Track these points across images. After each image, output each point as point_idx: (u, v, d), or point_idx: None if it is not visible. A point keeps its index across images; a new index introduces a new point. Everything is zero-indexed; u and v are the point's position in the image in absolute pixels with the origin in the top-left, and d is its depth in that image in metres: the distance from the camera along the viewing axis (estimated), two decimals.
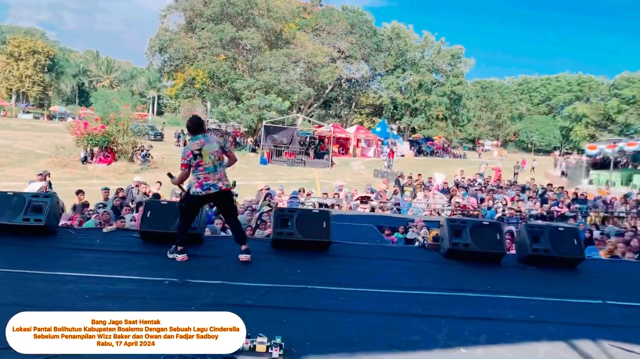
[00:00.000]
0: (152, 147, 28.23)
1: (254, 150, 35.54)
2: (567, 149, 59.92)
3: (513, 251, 7.76)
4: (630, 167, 31.52)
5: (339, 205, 15.91)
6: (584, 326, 4.77)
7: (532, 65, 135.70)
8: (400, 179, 21.12)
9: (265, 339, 3.43)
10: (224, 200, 5.94)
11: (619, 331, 4.68)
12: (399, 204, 16.46)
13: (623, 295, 5.96)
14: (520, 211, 15.35)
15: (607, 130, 59.61)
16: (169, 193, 12.93)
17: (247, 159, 30.92)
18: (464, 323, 4.61)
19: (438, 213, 15.24)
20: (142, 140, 27.96)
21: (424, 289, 5.55)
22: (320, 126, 41.58)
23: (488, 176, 25.55)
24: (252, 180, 22.23)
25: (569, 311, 5.20)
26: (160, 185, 14.15)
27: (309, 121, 44.53)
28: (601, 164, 30.42)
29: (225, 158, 5.91)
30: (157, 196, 12.31)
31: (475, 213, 15.38)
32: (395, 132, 44.86)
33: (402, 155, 40.90)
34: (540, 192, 19.65)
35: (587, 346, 4.25)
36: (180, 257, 5.75)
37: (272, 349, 3.37)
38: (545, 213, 15.87)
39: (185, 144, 8.18)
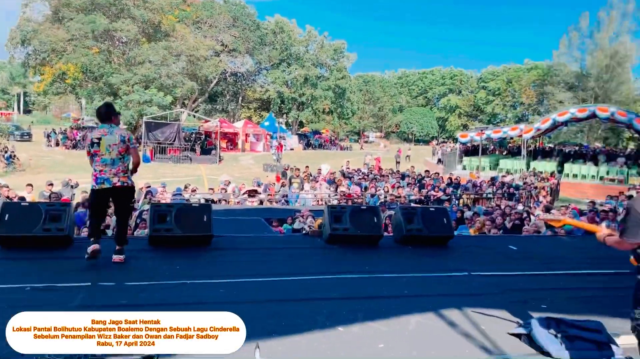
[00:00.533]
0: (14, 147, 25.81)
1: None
2: (443, 138, 64.15)
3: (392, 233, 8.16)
4: (497, 152, 34.58)
5: (226, 200, 15.68)
6: (451, 296, 5.14)
7: (411, 60, 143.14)
8: (287, 172, 21.30)
9: None
10: (120, 197, 5.61)
11: (481, 299, 5.11)
12: (287, 196, 16.60)
13: (487, 266, 6.51)
14: (400, 196, 16.20)
15: (477, 120, 64.86)
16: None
17: None
18: (343, 303, 4.76)
19: (325, 202, 15.59)
20: (4, 141, 25.45)
21: (306, 274, 5.65)
22: (206, 121, 40.56)
23: (372, 166, 26.66)
24: (134, 179, 21.11)
25: (438, 284, 5.58)
26: (32, 188, 12.93)
27: (194, 116, 43.34)
28: (472, 151, 33.00)
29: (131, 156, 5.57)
30: (22, 200, 11.25)
31: (359, 200, 15.96)
32: (283, 126, 45.19)
33: (291, 149, 41.29)
34: (418, 179, 20.87)
35: (453, 314, 4.58)
36: (90, 247, 5.39)
37: None
38: (423, 198, 16.90)
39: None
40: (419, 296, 5.07)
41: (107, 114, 5.54)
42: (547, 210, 12.75)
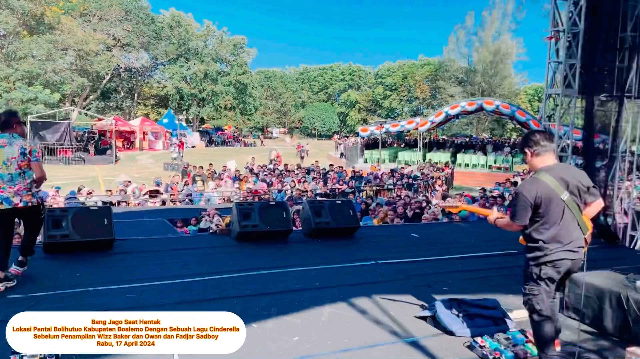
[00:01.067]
0: None
1: None
2: (345, 133, 65.68)
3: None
4: (395, 145, 36.07)
5: (126, 202, 14.95)
6: (360, 285, 5.31)
7: (311, 56, 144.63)
8: (186, 170, 20.75)
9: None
10: (26, 217, 4.94)
11: (389, 285, 5.33)
12: (191, 195, 16.16)
13: (392, 254, 6.79)
14: (306, 191, 16.38)
15: (376, 114, 67.04)
16: None
17: None
18: (255, 300, 4.74)
19: (230, 200, 15.37)
20: None
21: (216, 273, 5.55)
22: (100, 119, 38.22)
23: (278, 161, 26.69)
24: None
25: (347, 274, 5.73)
26: None
27: (87, 114, 40.71)
28: (372, 144, 34.14)
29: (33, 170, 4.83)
30: None
31: (266, 196, 15.93)
32: (183, 123, 43.77)
33: (193, 146, 40.17)
34: (323, 173, 21.22)
35: (363, 302, 4.74)
36: None
37: None
38: (328, 191, 17.23)
39: None
40: (330, 287, 5.18)
41: (6, 122, 4.79)
42: (444, 197, 13.53)
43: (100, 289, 4.89)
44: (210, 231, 8.97)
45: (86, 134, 33.27)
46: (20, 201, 4.68)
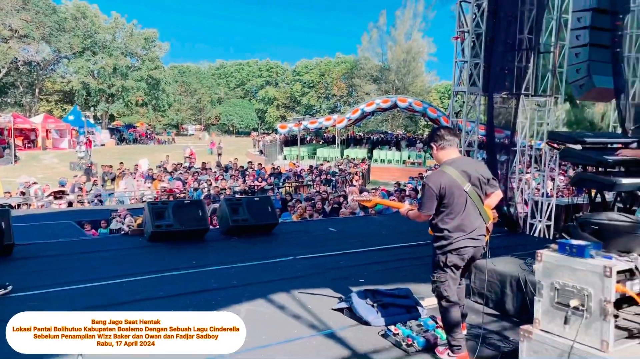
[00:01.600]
0: None
1: None
2: (264, 129, 65.33)
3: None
4: (314, 141, 36.41)
5: (28, 204, 13.95)
6: (278, 281, 5.31)
7: (228, 51, 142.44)
8: (90, 168, 19.75)
9: None
10: None
11: (306, 280, 5.38)
12: (100, 195, 15.38)
13: (310, 249, 6.86)
14: (224, 189, 16.12)
15: (294, 111, 67.31)
16: None
17: None
18: (171, 301, 4.62)
19: (143, 200, 14.80)
20: None
21: (129, 276, 5.33)
22: None
23: (194, 159, 26.04)
24: None
25: (265, 271, 5.72)
26: None
27: None
28: (291, 141, 34.24)
29: None
30: None
31: (182, 195, 15.49)
32: (91, 120, 41.54)
33: (102, 144, 38.23)
34: (241, 170, 20.98)
35: (281, 298, 4.75)
36: None
37: None
38: (247, 189, 17.06)
39: None
40: (247, 285, 5.14)
41: None
42: (361, 192, 13.84)
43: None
44: (122, 232, 8.59)
45: None
46: None
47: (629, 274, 2.85)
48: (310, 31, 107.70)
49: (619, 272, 2.77)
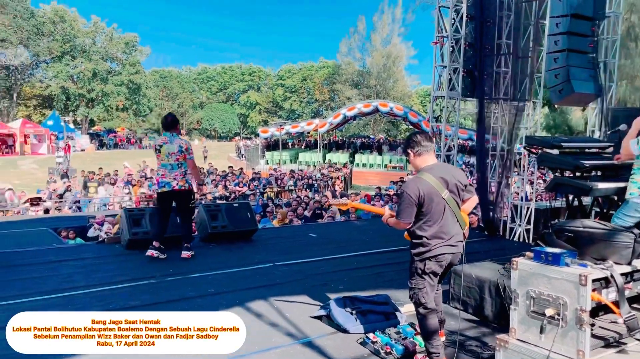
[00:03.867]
0: None
1: None
2: (246, 134, 65.03)
3: None
4: (296, 146, 36.32)
5: (2, 211, 13.65)
6: (256, 288, 5.23)
7: (209, 56, 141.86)
8: (66, 174, 19.47)
9: None
10: (179, 199, 6.16)
11: (285, 287, 5.31)
12: (78, 202, 15.13)
13: (290, 255, 6.79)
14: (205, 194, 15.96)
15: (277, 116, 67.15)
16: None
17: None
18: (146, 310, 4.47)
19: (121, 206, 14.59)
20: None
21: (102, 285, 5.21)
22: None
23: None
24: None
25: (244, 278, 5.64)
26: None
27: None
28: (273, 145, 34.13)
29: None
30: None
31: None
32: (70, 125, 40.92)
33: (82, 150, 37.69)
34: (223, 175, 20.84)
35: (259, 305, 4.67)
36: (149, 252, 6.09)
37: None
38: (228, 194, 16.93)
39: None
40: (225, 293, 5.06)
41: (170, 124, 6.16)
42: (341, 196, 13.81)
43: None
44: (99, 239, 8.43)
45: None
46: (177, 184, 6.01)
47: (605, 282, 2.85)
48: (294, 35, 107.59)
49: (594, 280, 2.76)
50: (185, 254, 6.22)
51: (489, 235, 8.69)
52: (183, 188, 6.06)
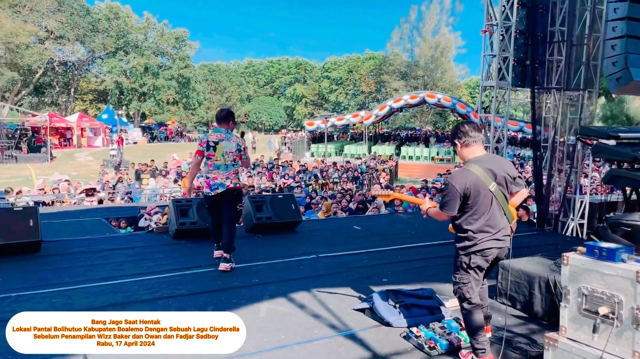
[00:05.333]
0: None
1: None
2: (292, 127, 65.45)
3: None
4: (342, 138, 36.26)
5: (61, 201, 14.28)
6: (299, 279, 5.25)
7: (256, 49, 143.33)
8: (119, 166, 20.13)
9: None
10: (230, 198, 5.68)
11: (328, 278, 5.31)
12: (130, 193, 15.64)
13: (333, 247, 6.78)
14: (253, 186, 16.19)
15: (322, 108, 67.23)
16: None
17: None
18: (191, 299, 4.61)
19: (170, 197, 14.97)
20: None
21: (150, 273, 5.36)
22: (34, 115, 36.36)
23: None
24: None
25: (287, 269, 5.67)
26: None
27: (18, 111, 38.63)
28: (319, 138, 34.19)
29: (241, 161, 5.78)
30: None
31: None
32: (124, 119, 42.32)
33: (134, 142, 38.92)
34: (269, 167, 21.06)
35: (302, 296, 4.69)
36: (215, 253, 5.79)
37: None
38: (274, 186, 17.09)
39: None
40: (268, 283, 5.10)
41: (225, 118, 5.68)
42: (386, 188, 13.69)
43: (24, 294, 4.61)
44: (148, 229, 8.69)
45: (18, 131, 31.55)
46: (231, 182, 5.61)
47: None
48: (340, 27, 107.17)
49: None
50: (223, 266, 5.50)
51: (539, 229, 8.40)
52: (238, 185, 5.72)
